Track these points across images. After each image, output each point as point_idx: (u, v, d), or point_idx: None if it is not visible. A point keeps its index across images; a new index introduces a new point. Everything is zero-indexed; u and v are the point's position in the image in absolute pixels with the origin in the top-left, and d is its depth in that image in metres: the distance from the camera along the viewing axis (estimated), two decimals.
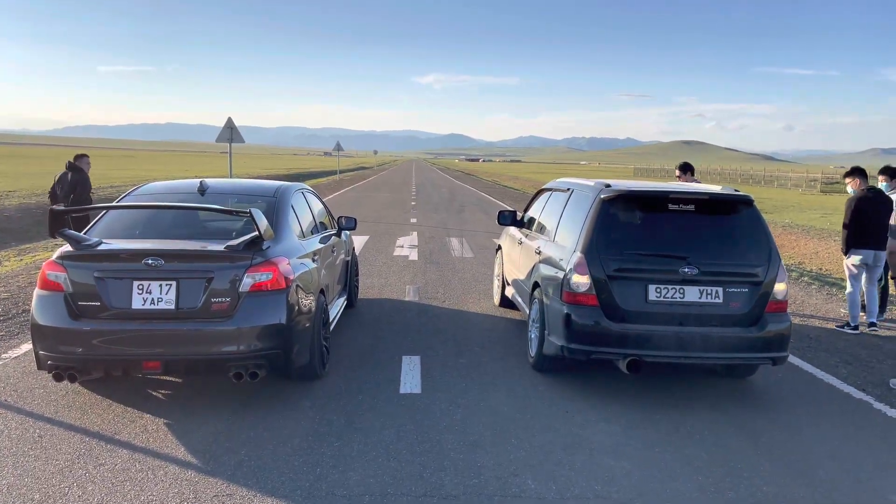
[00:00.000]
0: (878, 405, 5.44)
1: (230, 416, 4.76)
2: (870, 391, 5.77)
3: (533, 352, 6.00)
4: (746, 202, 5.45)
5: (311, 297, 5.33)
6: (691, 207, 5.37)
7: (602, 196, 5.44)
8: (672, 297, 5.17)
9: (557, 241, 6.00)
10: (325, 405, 5.01)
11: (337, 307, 6.82)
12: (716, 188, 5.86)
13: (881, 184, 8.40)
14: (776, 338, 5.22)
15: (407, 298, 8.89)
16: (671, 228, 5.37)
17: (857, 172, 8.13)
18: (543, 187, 7.75)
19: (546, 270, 5.90)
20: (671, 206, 5.37)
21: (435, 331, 7.25)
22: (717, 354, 5.20)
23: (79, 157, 10.67)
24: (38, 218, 16.21)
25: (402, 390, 5.38)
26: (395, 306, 8.43)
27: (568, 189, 6.45)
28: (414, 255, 12.64)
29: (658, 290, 5.17)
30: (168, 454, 4.16)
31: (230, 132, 17.90)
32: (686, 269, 5.13)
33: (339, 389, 5.35)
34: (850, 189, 8.08)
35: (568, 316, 5.24)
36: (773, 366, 5.44)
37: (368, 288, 9.39)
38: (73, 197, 10.09)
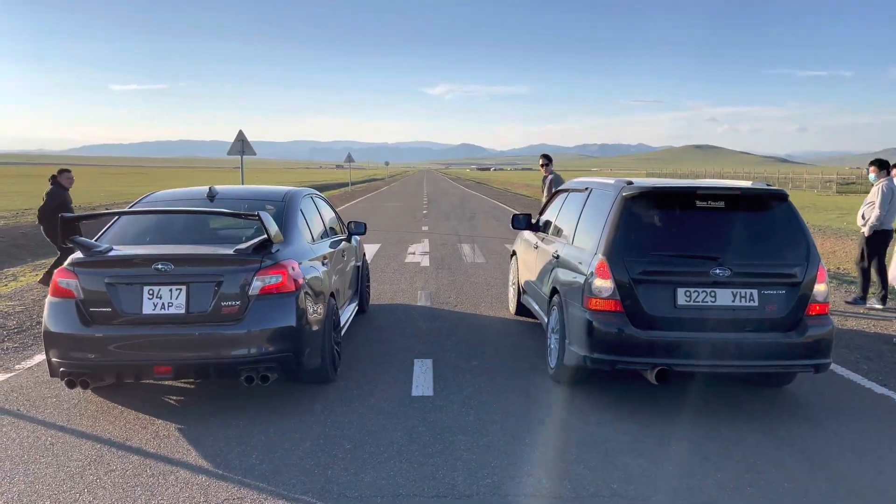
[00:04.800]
0: None
1: (241, 420, 4.74)
2: (892, 387, 5.65)
3: (553, 363, 5.65)
4: (781, 197, 5.07)
5: (322, 301, 5.30)
6: (721, 204, 4.99)
7: (624, 194, 5.07)
8: (703, 301, 4.80)
9: (576, 243, 5.66)
10: (336, 408, 4.97)
11: (348, 312, 6.80)
12: (746, 183, 5.41)
13: (870, 175, 8.95)
14: (818, 343, 4.83)
15: (419, 303, 8.85)
16: (700, 227, 5.00)
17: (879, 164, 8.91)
18: (559, 188, 7.45)
19: (565, 275, 5.58)
20: (699, 203, 4.98)
21: (447, 334, 7.20)
22: (752, 362, 4.82)
23: (61, 171, 10.16)
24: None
25: (415, 393, 5.34)
26: (406, 311, 8.40)
27: (586, 189, 6.08)
28: (426, 262, 12.61)
29: (688, 293, 4.80)
30: (179, 459, 4.13)
31: (241, 144, 17.99)
32: (717, 271, 4.77)
33: (350, 393, 5.31)
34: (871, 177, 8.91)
35: (590, 323, 4.90)
36: (814, 373, 5.04)
37: (380, 294, 9.37)
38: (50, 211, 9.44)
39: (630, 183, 5.24)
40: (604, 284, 4.90)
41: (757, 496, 3.73)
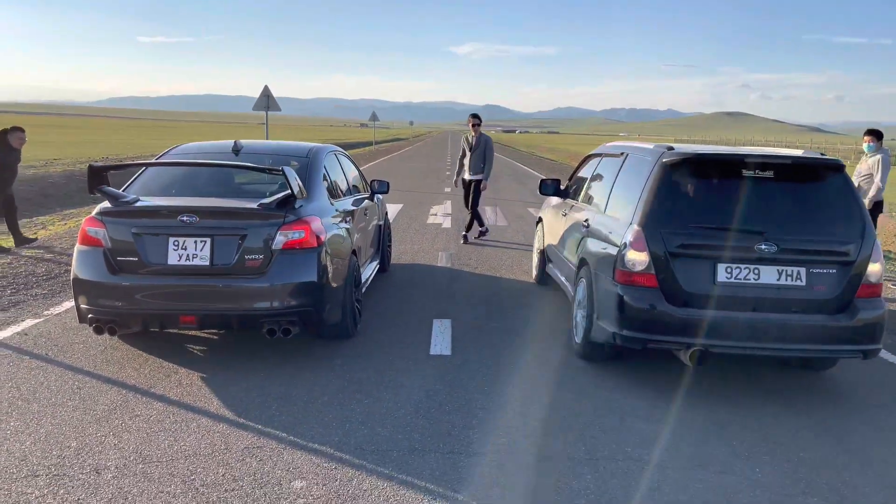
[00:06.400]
0: None
1: (263, 372, 4.82)
2: None
3: (578, 338, 5.37)
4: (836, 167, 4.67)
5: (343, 257, 5.34)
6: (770, 174, 4.61)
7: (664, 160, 4.73)
8: (745, 279, 4.49)
9: (609, 212, 5.34)
10: (355, 364, 5.04)
11: (369, 270, 6.84)
12: (797, 151, 5.05)
13: (865, 145, 8.69)
14: (868, 327, 4.49)
15: (439, 264, 8.87)
16: (745, 198, 4.59)
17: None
18: (592, 153, 7.01)
19: (596, 246, 5.26)
20: (745, 173, 4.61)
21: (466, 296, 7.22)
22: (796, 346, 4.50)
23: (12, 129, 9.16)
24: (81, 184, 16.56)
25: (433, 352, 5.38)
26: (427, 271, 8.43)
27: (622, 154, 5.71)
28: (447, 223, 12.61)
29: (729, 269, 4.49)
30: (201, 407, 4.23)
31: (266, 100, 17.95)
32: (763, 246, 4.43)
33: (370, 349, 5.37)
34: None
35: (621, 298, 4.62)
36: (863, 359, 4.66)
37: (401, 253, 9.40)
38: None
39: (671, 148, 4.91)
40: (638, 257, 4.59)
41: (772, 464, 3.74)
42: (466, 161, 10.51)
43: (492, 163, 10.48)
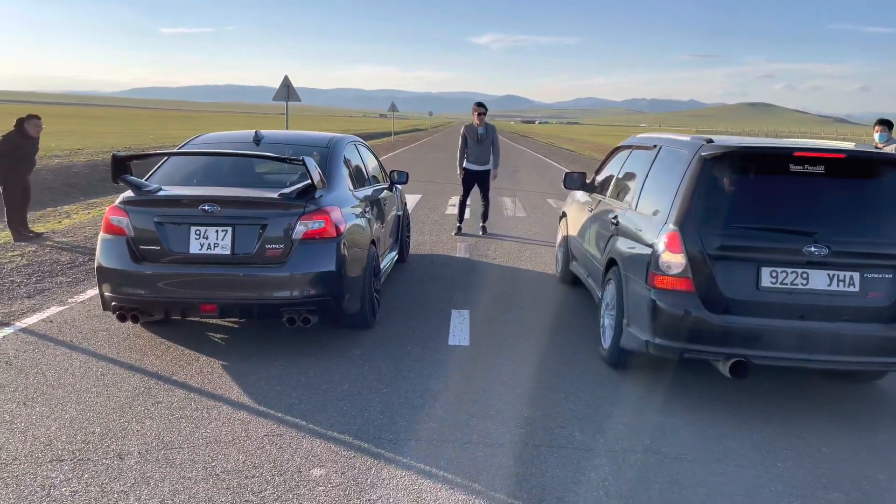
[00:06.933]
0: None
1: (282, 360, 4.87)
2: None
3: (606, 344, 5.05)
4: (894, 163, 4.31)
5: (363, 247, 5.36)
6: (820, 169, 4.21)
7: (703, 154, 4.36)
8: (792, 284, 4.13)
9: (641, 209, 4.98)
10: (374, 353, 5.06)
11: (388, 260, 6.86)
12: (849, 144, 4.67)
13: (876, 135, 8.72)
14: None
15: (458, 255, 8.87)
16: (793, 196, 4.25)
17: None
18: (621, 144, 6.60)
19: (626, 246, 4.91)
20: (794, 168, 4.23)
21: (485, 287, 7.22)
22: (848, 358, 4.11)
23: (29, 117, 9.15)
24: (104, 174, 16.77)
25: (451, 342, 5.39)
26: (445, 262, 8.44)
27: (655, 146, 5.36)
28: (466, 213, 12.56)
29: (774, 273, 4.13)
30: (222, 395, 4.28)
31: (287, 90, 18.01)
32: (812, 249, 4.06)
33: (388, 339, 5.39)
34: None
35: (654, 303, 4.28)
36: None
37: (420, 244, 9.42)
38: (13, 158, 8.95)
39: (710, 141, 4.53)
40: (674, 259, 4.24)
41: (793, 458, 3.70)
42: (471, 152, 10.25)
43: (499, 151, 10.43)
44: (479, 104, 10.38)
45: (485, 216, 10.68)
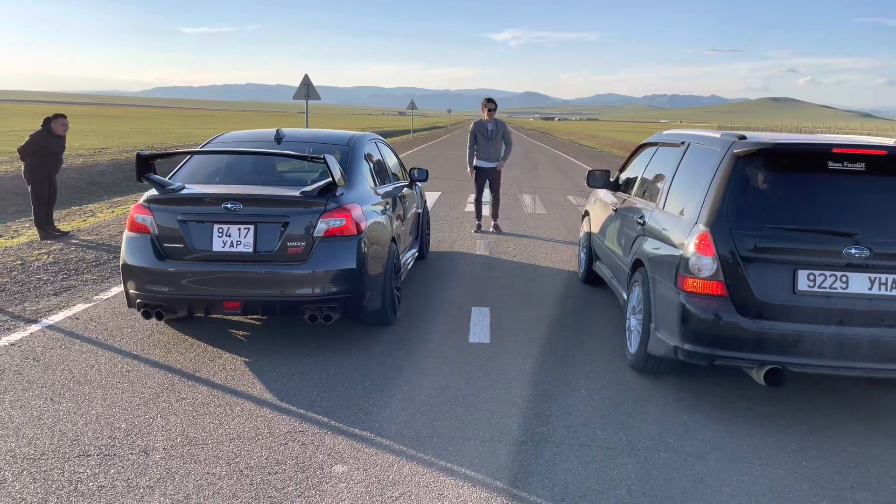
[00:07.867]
0: None
1: (304, 357, 4.89)
2: None
3: (633, 348, 4.88)
4: None
5: (383, 245, 5.37)
6: (860, 166, 4.00)
7: (735, 151, 4.16)
8: (831, 288, 3.93)
9: (669, 209, 4.80)
10: (395, 351, 5.08)
11: (408, 257, 6.87)
12: (891, 141, 4.38)
13: None
14: None
15: (478, 252, 8.87)
16: (832, 195, 4.03)
17: None
18: (647, 141, 6.41)
19: (653, 247, 4.74)
20: (832, 165, 4.01)
21: (505, 284, 7.20)
22: (889, 366, 3.91)
23: (55, 116, 9.25)
24: (128, 173, 16.98)
25: (472, 339, 5.39)
26: (465, 259, 8.43)
27: (683, 143, 5.18)
28: (486, 211, 12.55)
29: (811, 277, 3.93)
30: (245, 391, 4.31)
31: (306, 89, 18.11)
32: (853, 251, 3.86)
33: (409, 336, 5.40)
34: None
35: (684, 307, 4.10)
36: None
37: (440, 241, 9.42)
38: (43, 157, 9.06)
39: (742, 137, 4.32)
40: (704, 261, 4.06)
41: (819, 458, 3.65)
42: (482, 148, 10.18)
43: (511, 145, 10.42)
44: (489, 100, 10.27)
45: (495, 214, 10.62)
